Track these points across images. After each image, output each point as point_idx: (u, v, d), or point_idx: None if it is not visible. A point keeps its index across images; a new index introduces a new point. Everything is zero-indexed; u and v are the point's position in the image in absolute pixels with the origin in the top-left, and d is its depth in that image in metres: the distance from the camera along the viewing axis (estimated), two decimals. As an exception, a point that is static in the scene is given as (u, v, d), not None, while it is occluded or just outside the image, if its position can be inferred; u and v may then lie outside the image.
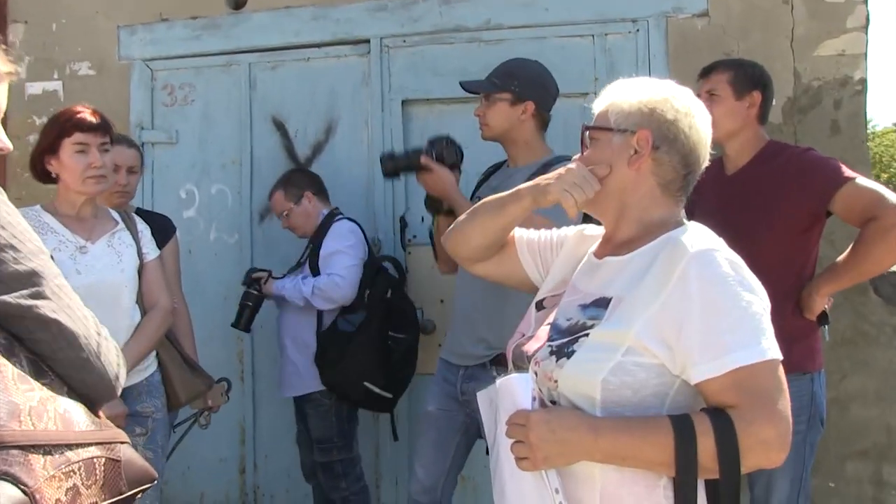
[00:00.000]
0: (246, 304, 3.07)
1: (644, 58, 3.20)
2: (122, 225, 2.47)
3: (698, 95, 2.38)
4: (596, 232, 1.49)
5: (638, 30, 3.22)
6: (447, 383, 2.64)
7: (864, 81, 3.09)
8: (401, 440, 3.39)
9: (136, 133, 3.60)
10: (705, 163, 1.36)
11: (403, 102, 3.43)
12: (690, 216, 1.38)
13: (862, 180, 2.23)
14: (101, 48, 3.73)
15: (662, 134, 1.32)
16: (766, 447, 1.14)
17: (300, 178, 3.18)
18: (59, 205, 2.36)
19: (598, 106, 1.40)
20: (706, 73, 2.47)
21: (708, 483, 1.18)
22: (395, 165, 2.63)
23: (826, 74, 3.09)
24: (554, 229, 1.61)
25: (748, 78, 2.42)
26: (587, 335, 1.25)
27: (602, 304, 1.28)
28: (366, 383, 2.95)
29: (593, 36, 3.26)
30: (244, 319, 3.08)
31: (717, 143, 2.43)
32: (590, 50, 3.26)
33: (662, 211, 1.34)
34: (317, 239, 3.10)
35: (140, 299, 2.44)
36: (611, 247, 1.38)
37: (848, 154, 3.02)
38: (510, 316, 2.46)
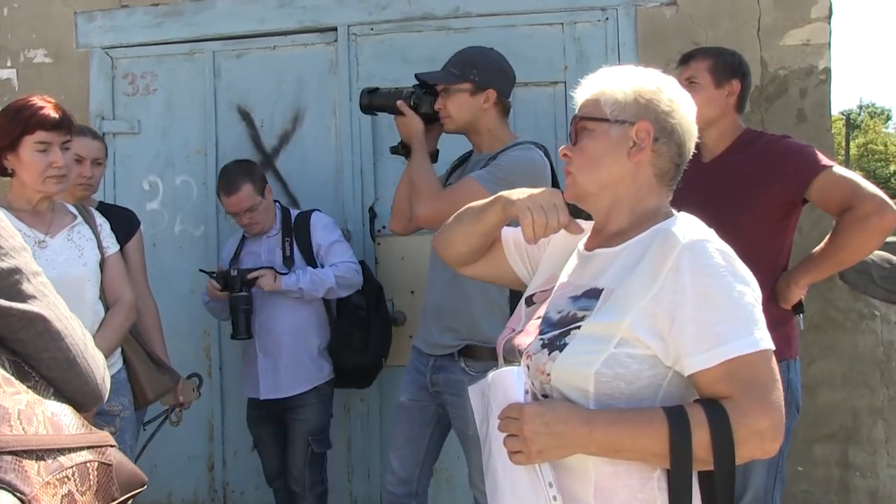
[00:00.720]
0: (241, 310, 2.89)
1: (613, 46, 3.20)
2: (80, 219, 2.40)
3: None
4: (583, 226, 1.46)
5: (607, 18, 3.21)
6: (418, 373, 2.61)
7: (828, 71, 3.12)
8: (373, 432, 3.36)
9: (96, 123, 3.49)
10: (692, 151, 1.35)
11: (371, 91, 3.37)
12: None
13: (839, 169, 2.25)
14: (57, 35, 3.60)
15: (661, 125, 1.31)
16: (760, 437, 1.13)
17: (259, 170, 3.10)
18: (12, 200, 2.27)
19: (583, 94, 1.37)
20: (685, 60, 2.46)
21: (701, 475, 1.16)
22: (371, 102, 2.65)
23: (792, 63, 3.12)
24: None
25: (728, 66, 2.42)
26: (579, 327, 1.23)
27: (593, 294, 1.26)
28: (383, 358, 3.10)
29: (562, 24, 3.24)
30: (244, 326, 2.90)
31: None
32: (559, 38, 3.24)
33: (655, 201, 1.33)
34: (297, 233, 3.05)
35: (102, 294, 2.36)
36: (601, 238, 1.36)
37: (813, 142, 3.01)
38: (478, 307, 2.48)
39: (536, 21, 3.26)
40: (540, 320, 1.34)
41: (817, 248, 2.33)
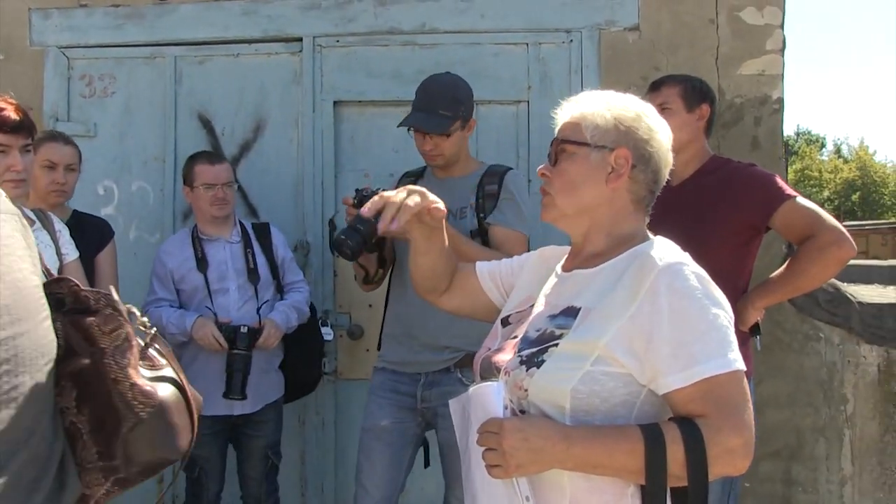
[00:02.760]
0: (240, 369, 2.74)
1: (577, 68, 3.26)
2: (38, 224, 2.33)
3: None
4: (557, 251, 1.51)
5: (571, 40, 3.27)
6: (400, 395, 2.61)
7: (780, 101, 3.24)
8: (327, 445, 3.33)
9: (50, 124, 3.40)
10: (667, 177, 1.40)
11: (335, 103, 3.37)
12: None
13: (802, 199, 2.34)
14: (9, 32, 3.50)
15: (639, 153, 1.34)
16: (732, 455, 1.17)
17: None
18: None
19: (564, 116, 1.40)
20: (657, 86, 2.53)
21: (674, 491, 1.19)
22: (355, 248, 2.42)
23: (747, 92, 3.22)
24: (514, 257, 1.63)
25: (698, 91, 2.50)
26: (556, 345, 1.25)
27: (571, 313, 1.29)
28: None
29: (527, 44, 3.29)
30: (240, 386, 2.75)
31: None
32: (524, 58, 3.29)
33: (632, 225, 1.36)
34: (260, 244, 3.02)
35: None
36: (579, 260, 1.39)
37: (766, 168, 3.15)
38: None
39: (502, 40, 3.30)
40: (518, 338, 1.36)
41: (776, 273, 2.41)
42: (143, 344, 1.10)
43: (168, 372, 1.11)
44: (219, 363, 2.79)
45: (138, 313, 1.14)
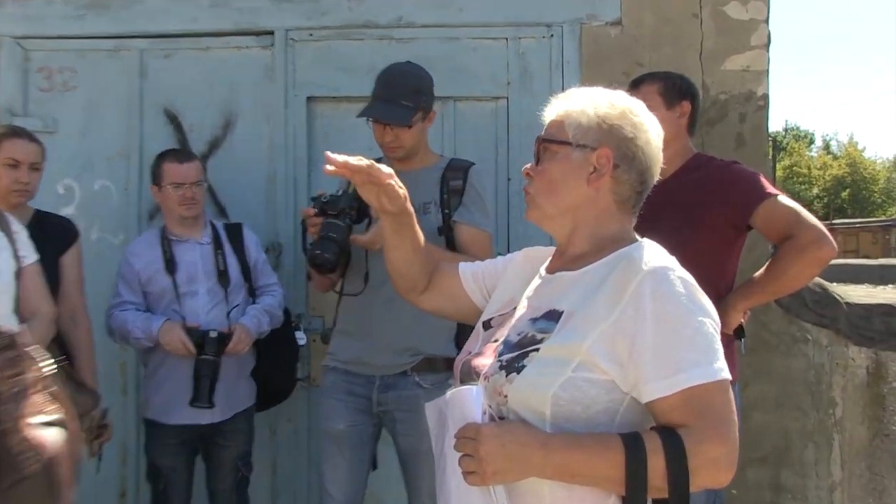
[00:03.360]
0: (207, 375, 2.72)
1: (557, 63, 3.28)
2: (-8, 225, 2.30)
3: None
4: (542, 252, 1.51)
5: (552, 35, 3.29)
6: (355, 396, 2.61)
7: (766, 97, 3.28)
8: (300, 454, 3.32)
9: (5, 119, 3.36)
10: (657, 177, 1.40)
11: (308, 99, 3.37)
12: None
13: (783, 198, 2.37)
14: (-41, 21, 3.45)
15: (622, 152, 1.34)
16: (715, 466, 1.18)
17: None
18: None
19: (549, 114, 1.41)
20: (636, 85, 2.57)
21: (655, 502, 1.20)
22: (332, 259, 2.36)
23: (732, 88, 3.26)
24: (498, 257, 1.65)
25: (677, 88, 2.54)
26: (537, 350, 1.26)
27: (553, 316, 1.30)
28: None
29: (507, 39, 3.31)
30: (207, 393, 2.73)
31: None
32: (503, 53, 3.31)
33: (617, 227, 1.37)
34: (232, 245, 3.01)
35: (17, 308, 2.27)
36: (563, 261, 1.40)
37: (750, 166, 3.17)
38: (429, 319, 2.48)
39: (481, 35, 3.32)
40: (498, 342, 1.37)
41: (757, 274, 2.44)
42: (44, 389, 1.03)
43: (57, 415, 1.02)
44: (186, 369, 2.77)
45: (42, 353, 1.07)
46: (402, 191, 1.53)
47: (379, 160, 2.65)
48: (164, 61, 3.43)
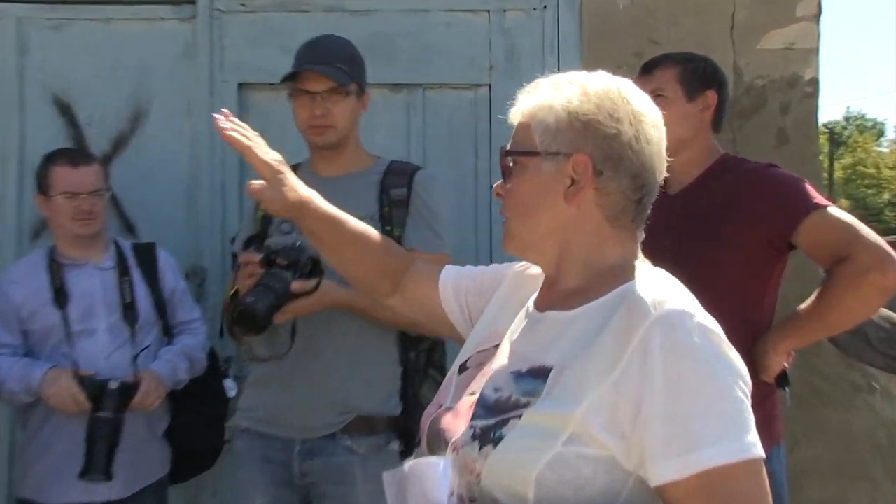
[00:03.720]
0: (104, 437, 2.69)
1: (552, 42, 3.32)
2: None
3: None
4: (534, 275, 1.50)
5: (545, 7, 3.34)
6: (273, 465, 2.61)
7: (815, 82, 3.33)
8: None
9: None
10: (662, 175, 1.38)
11: (240, 86, 3.39)
12: None
13: (835, 210, 2.37)
14: None
15: (604, 154, 1.31)
16: None
17: None
18: None
19: (514, 116, 1.40)
20: (648, 69, 2.57)
21: None
22: (266, 312, 2.37)
23: (772, 72, 3.30)
24: (490, 267, 1.65)
25: (701, 74, 2.53)
26: (520, 416, 1.25)
27: (541, 374, 1.28)
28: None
29: (489, 12, 3.35)
30: (104, 462, 2.69)
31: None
32: (484, 30, 3.34)
33: (616, 251, 1.35)
34: (142, 271, 3.01)
35: None
36: (554, 296, 1.38)
37: (796, 169, 3.18)
38: (365, 368, 2.54)
39: (456, 6, 3.35)
40: (474, 397, 1.35)
41: (803, 306, 2.45)
42: None
43: None
44: (77, 431, 2.73)
45: None
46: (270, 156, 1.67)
47: (296, 167, 2.73)
48: (51, 34, 3.43)
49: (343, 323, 2.55)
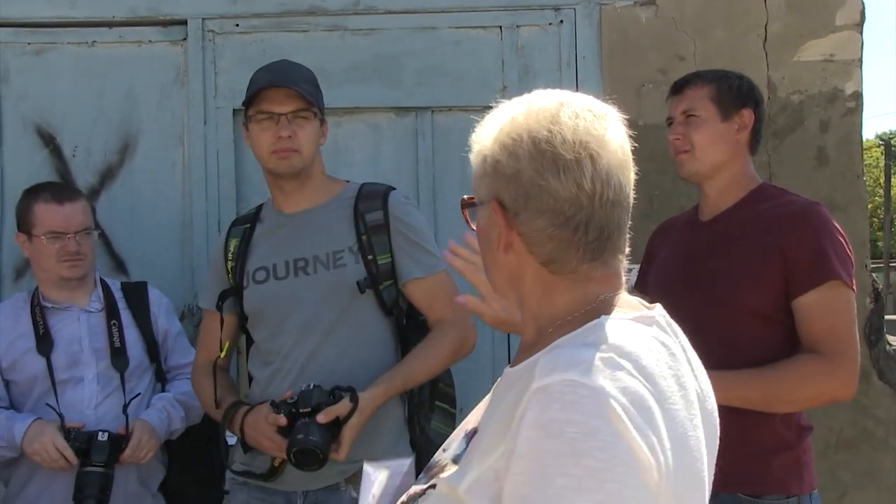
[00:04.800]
0: (92, 495, 2.71)
1: (569, 59, 3.37)
2: None
3: (671, 120, 2.57)
4: None
5: (561, 21, 3.39)
6: None
7: (858, 96, 3.35)
8: None
9: None
10: (626, 189, 1.32)
11: (236, 112, 3.41)
12: (644, 283, 1.40)
13: (843, 287, 2.35)
14: None
15: (511, 196, 1.31)
16: None
17: None
18: None
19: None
20: (679, 89, 2.59)
21: None
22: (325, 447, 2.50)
23: (810, 86, 3.33)
24: None
25: (736, 92, 2.55)
26: (434, 486, 1.30)
27: (470, 437, 1.32)
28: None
29: (501, 28, 3.40)
30: None
31: (696, 181, 2.54)
32: (496, 47, 3.39)
33: (563, 299, 1.33)
34: (133, 313, 3.06)
35: None
36: (520, 352, 1.40)
37: (838, 192, 3.26)
38: (380, 412, 2.57)
39: (466, 23, 3.41)
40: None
41: (755, 369, 2.38)
42: None
43: None
44: (64, 487, 2.78)
45: None
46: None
47: (258, 210, 2.82)
48: (32, 60, 3.49)
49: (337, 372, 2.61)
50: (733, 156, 2.53)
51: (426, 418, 2.73)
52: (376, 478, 1.44)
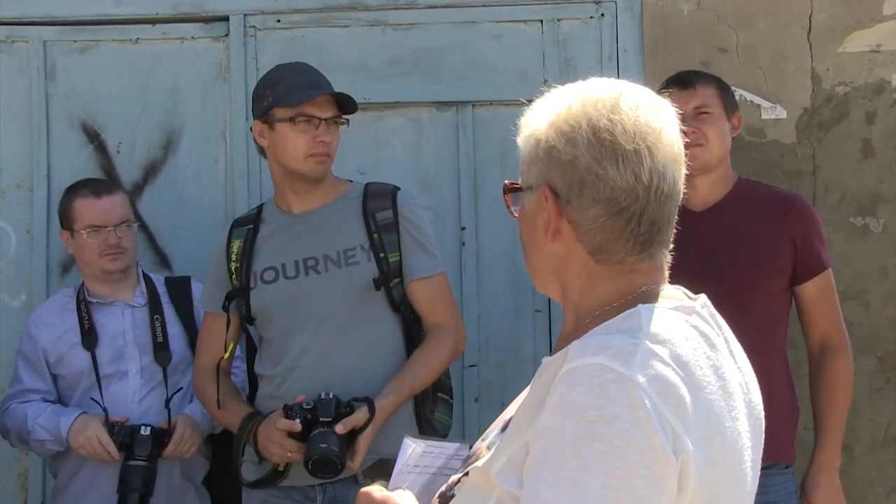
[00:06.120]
0: (136, 489, 2.77)
1: (611, 53, 3.37)
2: None
3: (682, 115, 2.60)
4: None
5: (602, 14, 3.38)
6: None
7: (905, 87, 3.30)
8: None
9: None
10: (678, 183, 1.32)
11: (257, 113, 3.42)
12: None
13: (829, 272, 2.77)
14: None
15: (565, 182, 1.30)
16: None
17: None
18: None
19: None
20: (689, 83, 2.76)
21: None
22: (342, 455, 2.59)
23: (855, 78, 3.29)
24: None
25: (731, 95, 2.83)
26: (467, 473, 1.30)
27: (506, 427, 1.32)
28: None
29: (542, 22, 3.40)
30: None
31: (701, 173, 2.67)
32: (537, 40, 3.39)
33: (604, 289, 1.32)
34: (176, 306, 3.09)
35: None
36: (559, 342, 1.39)
37: (885, 185, 3.23)
38: (394, 415, 2.64)
39: (506, 17, 3.41)
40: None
41: (820, 420, 2.80)
42: None
43: None
44: (110, 480, 2.83)
45: None
46: None
47: (259, 211, 2.88)
48: (77, 57, 3.53)
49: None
50: (728, 152, 2.80)
51: (430, 410, 2.79)
52: (412, 450, 1.49)
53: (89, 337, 2.97)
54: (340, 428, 2.49)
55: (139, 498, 2.78)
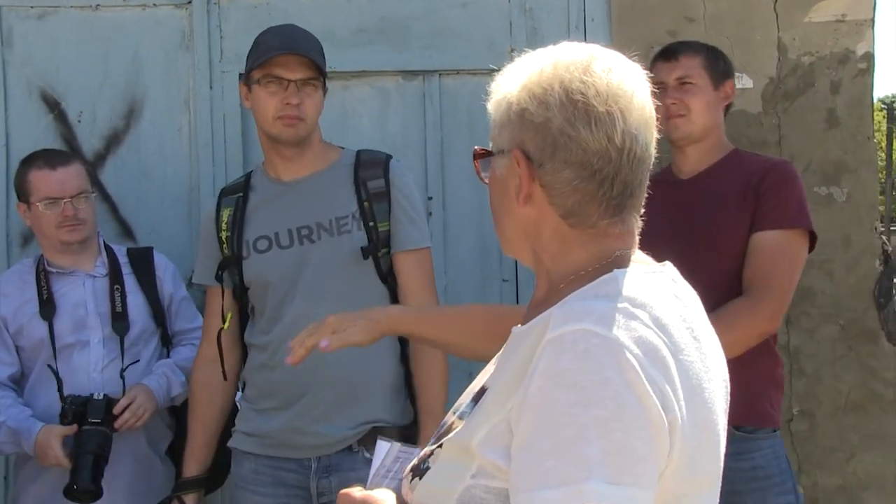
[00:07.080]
0: (92, 451, 2.74)
1: (578, 22, 3.36)
2: None
3: (662, 85, 2.64)
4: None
5: (571, -18, 3.36)
6: (287, 488, 2.68)
7: (870, 57, 3.33)
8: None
9: None
10: (650, 147, 1.32)
11: (241, 76, 3.36)
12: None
13: (798, 237, 2.63)
14: None
15: (538, 145, 1.29)
16: None
17: None
18: None
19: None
20: (672, 54, 2.76)
21: None
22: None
23: (821, 48, 3.31)
24: None
25: (722, 63, 2.79)
26: (441, 445, 1.30)
27: (479, 396, 1.32)
28: None
29: (508, -12, 3.37)
30: (90, 476, 2.72)
31: (685, 144, 2.69)
32: (504, 10, 3.38)
33: (578, 254, 1.32)
34: (138, 277, 3.06)
35: None
36: (529, 309, 1.39)
37: (849, 155, 3.26)
38: (385, 374, 2.66)
39: (472, -15, 3.37)
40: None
41: None
42: None
43: None
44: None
45: None
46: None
47: (248, 178, 2.84)
48: (35, 24, 3.46)
49: None
50: (718, 122, 2.78)
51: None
52: (387, 450, 1.52)
53: (47, 307, 2.95)
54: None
55: (93, 460, 2.74)
